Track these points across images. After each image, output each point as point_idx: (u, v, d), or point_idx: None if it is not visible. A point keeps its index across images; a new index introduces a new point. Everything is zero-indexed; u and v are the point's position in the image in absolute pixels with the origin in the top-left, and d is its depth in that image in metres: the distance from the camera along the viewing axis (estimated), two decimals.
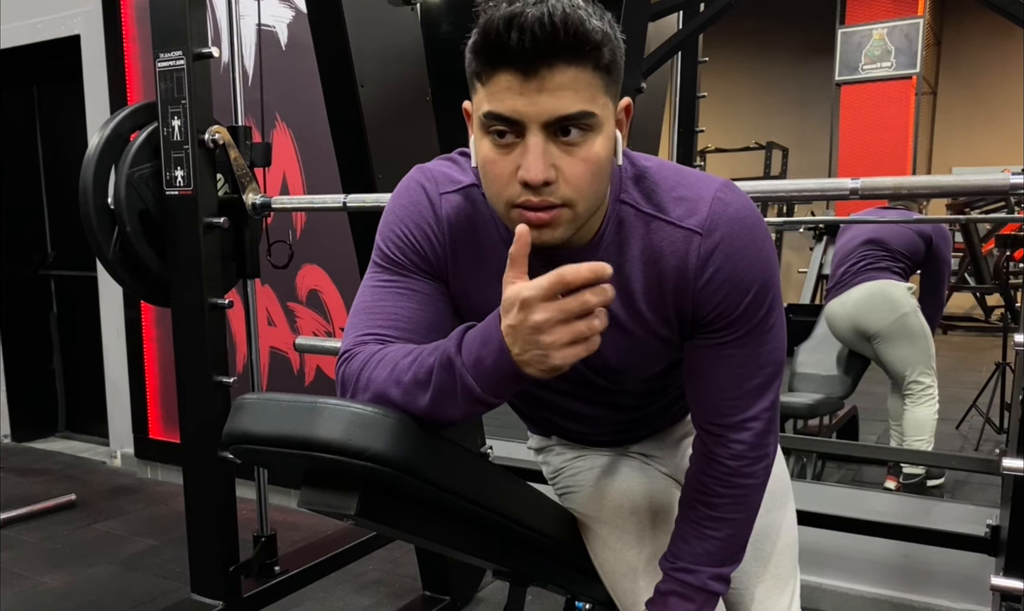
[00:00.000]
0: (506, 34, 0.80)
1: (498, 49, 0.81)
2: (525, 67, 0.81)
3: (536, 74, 0.81)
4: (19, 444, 4.52)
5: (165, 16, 1.91)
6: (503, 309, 0.81)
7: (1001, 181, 1.42)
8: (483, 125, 0.86)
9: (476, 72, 0.86)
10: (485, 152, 0.87)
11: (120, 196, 1.97)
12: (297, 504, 0.94)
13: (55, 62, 4.12)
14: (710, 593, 1.05)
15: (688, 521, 1.05)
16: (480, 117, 0.86)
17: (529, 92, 0.82)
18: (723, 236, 0.92)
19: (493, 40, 0.81)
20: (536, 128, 0.83)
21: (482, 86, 0.85)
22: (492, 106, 0.84)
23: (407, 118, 2.24)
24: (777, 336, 0.98)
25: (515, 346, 0.80)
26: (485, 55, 0.83)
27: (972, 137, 8.79)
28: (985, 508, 2.23)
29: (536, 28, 0.79)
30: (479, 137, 0.88)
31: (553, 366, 0.80)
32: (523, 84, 0.82)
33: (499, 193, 0.87)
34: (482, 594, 2.61)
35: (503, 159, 0.86)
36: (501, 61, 0.82)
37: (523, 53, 0.81)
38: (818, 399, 3.30)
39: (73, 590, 2.74)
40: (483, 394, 0.84)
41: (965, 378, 4.73)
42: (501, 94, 0.83)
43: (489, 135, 0.86)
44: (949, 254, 3.27)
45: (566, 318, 0.78)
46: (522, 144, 0.84)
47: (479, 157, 0.89)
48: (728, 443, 1.01)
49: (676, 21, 2.94)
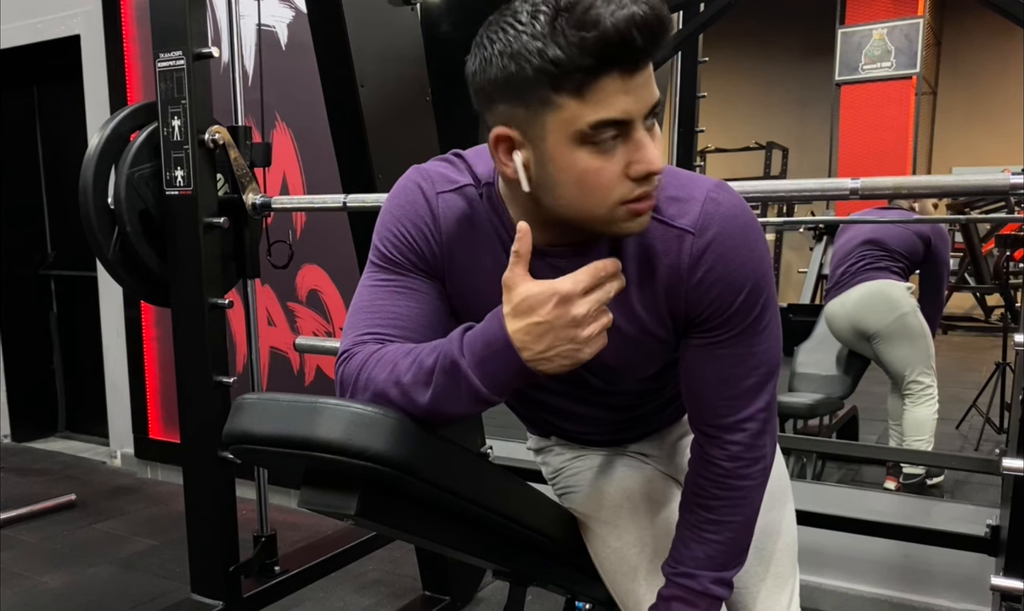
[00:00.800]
0: (629, 36, 0.78)
1: (618, 53, 0.79)
2: (633, 65, 0.81)
3: (640, 70, 0.81)
4: (19, 444, 4.52)
5: (165, 16, 1.91)
6: (522, 307, 0.83)
7: (1001, 181, 1.42)
8: (583, 137, 0.82)
9: (576, 86, 0.80)
10: (585, 164, 0.84)
11: (120, 196, 1.96)
12: (297, 504, 0.94)
13: (55, 62, 4.12)
14: (713, 597, 1.04)
15: (688, 525, 1.05)
16: (580, 130, 0.82)
17: (634, 88, 0.81)
18: (715, 235, 0.92)
19: (615, 45, 0.78)
20: (640, 121, 0.83)
21: (577, 98, 0.81)
22: (601, 114, 0.81)
23: (407, 118, 2.24)
24: (771, 336, 0.98)
25: (540, 343, 0.83)
26: (597, 62, 0.79)
27: (972, 137, 8.79)
28: (985, 508, 2.23)
29: (655, 26, 0.79)
30: (566, 151, 0.84)
31: (580, 360, 0.85)
32: (628, 82, 0.81)
33: (604, 198, 0.85)
34: (482, 594, 2.61)
35: (608, 163, 0.84)
36: (611, 65, 0.79)
37: (639, 52, 0.80)
38: (818, 399, 3.30)
39: (73, 590, 2.74)
40: (488, 393, 0.86)
41: (965, 378, 4.73)
42: (610, 99, 0.81)
43: (587, 145, 0.83)
44: (948, 255, 3.27)
45: (600, 310, 0.84)
46: (624, 142, 0.84)
47: (571, 172, 0.84)
48: (723, 444, 1.01)
49: (676, 21, 2.95)
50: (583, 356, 0.84)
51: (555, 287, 0.82)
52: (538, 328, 0.83)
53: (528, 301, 0.83)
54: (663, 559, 1.09)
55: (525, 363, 0.84)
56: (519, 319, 0.84)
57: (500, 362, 0.84)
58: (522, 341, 0.83)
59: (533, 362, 0.84)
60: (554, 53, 0.79)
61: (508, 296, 0.85)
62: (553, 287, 0.82)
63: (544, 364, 0.84)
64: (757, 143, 7.77)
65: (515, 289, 0.84)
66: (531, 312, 0.83)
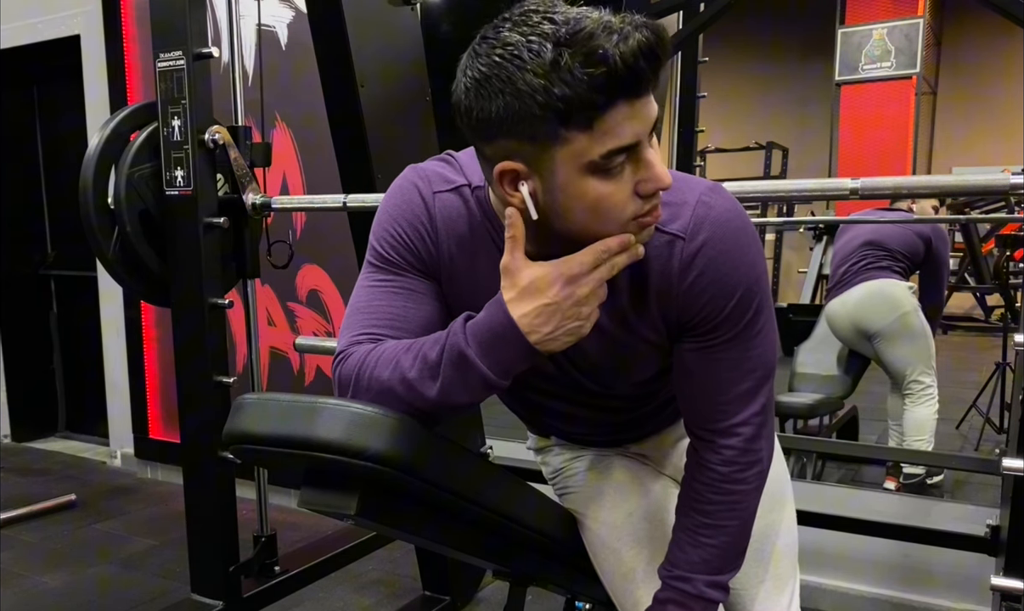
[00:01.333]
0: (639, 67, 0.77)
1: (628, 83, 0.78)
2: (640, 91, 0.80)
3: (646, 93, 0.81)
4: (19, 444, 4.52)
5: (165, 16, 1.91)
6: (529, 289, 0.85)
7: (1001, 181, 1.42)
8: (593, 167, 0.82)
9: (586, 121, 0.79)
10: (598, 192, 0.83)
11: (120, 196, 1.96)
12: (297, 504, 0.94)
13: (55, 62, 4.12)
14: (708, 601, 1.04)
15: (684, 529, 1.05)
16: (590, 161, 0.81)
17: (639, 111, 0.81)
18: (706, 240, 0.92)
19: (626, 79, 0.77)
20: (647, 139, 0.83)
21: (586, 131, 0.80)
22: (614, 143, 0.80)
23: (407, 118, 2.24)
24: (765, 340, 0.98)
25: (548, 324, 0.86)
26: (607, 98, 0.78)
27: (972, 137, 8.79)
28: (985, 508, 2.23)
29: (658, 48, 0.79)
30: (578, 181, 0.83)
31: (582, 335, 0.89)
32: (634, 106, 0.80)
33: (618, 218, 0.85)
34: (482, 594, 2.61)
35: (619, 186, 0.84)
36: (619, 94, 0.79)
37: (647, 80, 0.79)
38: (818, 399, 3.30)
39: (73, 590, 2.74)
40: (496, 379, 0.88)
41: (965, 378, 4.73)
42: (619, 128, 0.80)
43: (598, 174, 0.82)
44: (947, 255, 3.28)
45: (600, 286, 0.87)
46: (632, 162, 0.83)
47: (584, 200, 0.83)
48: (718, 449, 1.00)
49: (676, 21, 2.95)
50: (584, 331, 0.88)
51: (561, 269, 0.85)
52: (547, 310, 0.85)
53: (535, 283, 0.85)
54: (661, 560, 1.08)
55: (532, 345, 0.86)
56: (526, 302, 0.85)
57: (507, 347, 0.86)
58: (530, 324, 0.86)
59: (540, 343, 0.87)
60: (562, 91, 0.77)
61: (511, 280, 0.86)
62: (559, 269, 0.85)
63: (551, 343, 0.87)
64: (757, 143, 7.76)
65: (519, 273, 0.86)
66: (539, 294, 0.85)
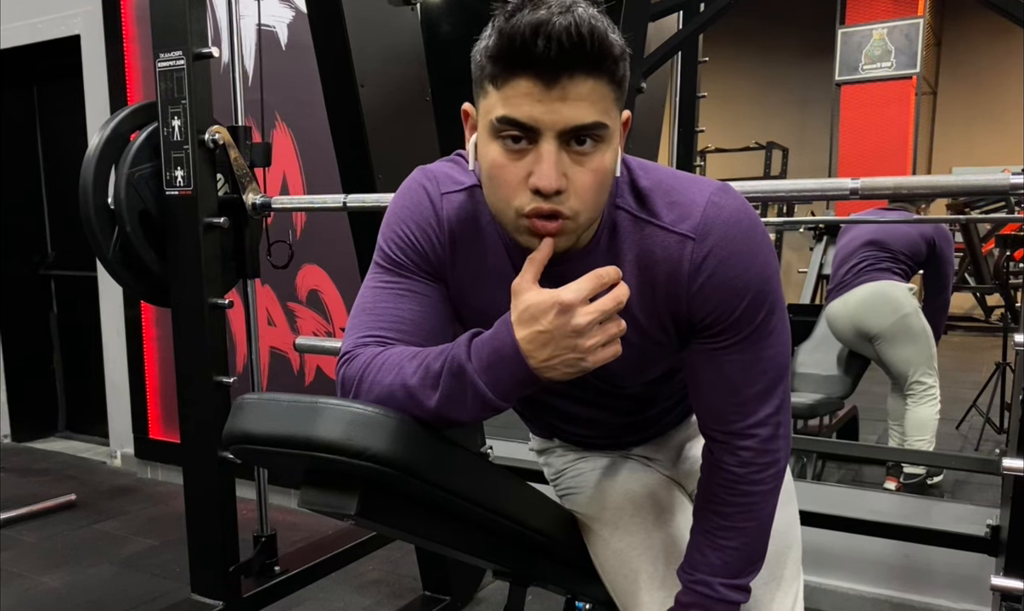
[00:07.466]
0: (532, 41, 0.79)
1: (522, 55, 0.80)
2: (547, 75, 0.81)
3: (557, 83, 0.81)
4: (19, 444, 4.52)
5: (165, 16, 1.91)
6: (524, 315, 0.83)
7: (1001, 181, 1.42)
8: (494, 129, 0.85)
9: (491, 76, 0.84)
10: (494, 157, 0.86)
11: (120, 196, 1.97)
12: (297, 504, 0.94)
13: (55, 62, 4.12)
14: (729, 603, 1.03)
15: (702, 532, 1.04)
16: (492, 121, 0.85)
17: (549, 100, 0.81)
18: (716, 241, 0.91)
19: (518, 46, 0.80)
20: (551, 136, 0.83)
21: (496, 90, 0.84)
22: (508, 111, 0.83)
23: (407, 118, 2.24)
24: (779, 340, 0.97)
25: (543, 351, 0.83)
26: (506, 60, 0.82)
27: (972, 137, 8.78)
28: (985, 508, 2.23)
29: (564, 37, 0.79)
30: (486, 141, 0.87)
31: (584, 369, 0.85)
32: (543, 92, 0.81)
33: (507, 199, 0.87)
34: (482, 594, 2.61)
35: (513, 165, 0.85)
36: (523, 67, 0.81)
37: (548, 61, 0.80)
38: (818, 399, 3.30)
39: (73, 590, 2.74)
40: (495, 399, 0.86)
41: (965, 378, 4.72)
42: (519, 100, 0.82)
43: (500, 140, 0.85)
44: (952, 254, 3.27)
45: (603, 319, 0.83)
46: (534, 151, 0.84)
47: (485, 161, 0.87)
48: (734, 450, 1.00)
49: (676, 21, 2.94)
50: (587, 365, 0.84)
51: (556, 297, 0.82)
52: (541, 337, 0.83)
53: (530, 310, 0.83)
54: (665, 561, 1.08)
55: (532, 370, 0.84)
56: (523, 327, 0.84)
57: (507, 368, 0.85)
58: (527, 348, 0.84)
59: (539, 369, 0.84)
60: (485, 45, 0.85)
61: (515, 302, 0.86)
62: (555, 297, 0.82)
63: (549, 371, 0.85)
64: (757, 143, 7.76)
65: (520, 296, 0.85)
66: (533, 321, 0.83)
